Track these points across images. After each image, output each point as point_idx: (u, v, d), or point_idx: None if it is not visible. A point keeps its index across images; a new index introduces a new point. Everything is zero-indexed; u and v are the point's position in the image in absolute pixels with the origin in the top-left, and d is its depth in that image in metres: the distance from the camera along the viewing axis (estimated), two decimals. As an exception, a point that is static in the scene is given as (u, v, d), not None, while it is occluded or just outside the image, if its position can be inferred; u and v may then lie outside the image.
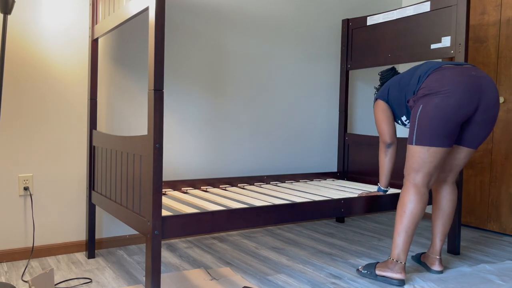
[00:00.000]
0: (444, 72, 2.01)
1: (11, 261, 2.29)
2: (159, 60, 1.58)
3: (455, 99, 1.94)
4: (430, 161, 2.01)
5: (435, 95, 1.97)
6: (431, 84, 2.00)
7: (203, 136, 2.85)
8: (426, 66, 2.13)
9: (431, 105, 1.97)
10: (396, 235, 2.04)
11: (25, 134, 2.31)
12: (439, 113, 1.95)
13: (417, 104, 2.04)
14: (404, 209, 2.03)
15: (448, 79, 1.97)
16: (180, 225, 1.68)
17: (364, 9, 3.55)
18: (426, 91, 2.00)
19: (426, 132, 1.99)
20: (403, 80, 2.21)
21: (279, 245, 2.70)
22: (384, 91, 2.31)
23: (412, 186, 2.05)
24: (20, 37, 2.28)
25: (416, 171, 2.04)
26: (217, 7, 2.87)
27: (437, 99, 1.96)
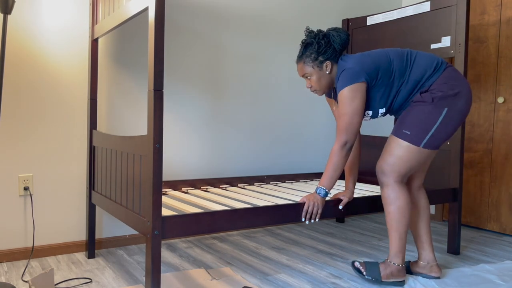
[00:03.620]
0: (457, 70, 1.95)
1: (11, 261, 2.29)
2: (159, 60, 1.58)
3: (470, 101, 1.91)
4: (426, 163, 1.97)
5: (458, 97, 1.88)
6: (452, 82, 1.89)
7: (203, 136, 2.85)
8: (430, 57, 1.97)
9: (456, 110, 1.88)
10: (399, 240, 1.96)
11: (25, 134, 2.31)
12: (460, 120, 1.90)
13: (439, 105, 1.87)
14: (405, 214, 1.95)
15: (463, 79, 1.92)
16: (180, 225, 1.68)
17: (364, 9, 3.55)
18: (448, 89, 1.88)
19: (442, 138, 1.90)
20: (397, 66, 1.93)
21: (279, 245, 2.70)
22: (372, 72, 1.91)
23: (403, 187, 1.96)
24: (20, 37, 2.28)
25: (406, 174, 1.95)
26: (217, 7, 2.87)
27: (461, 103, 1.88)
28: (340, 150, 1.90)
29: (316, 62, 1.97)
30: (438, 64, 1.94)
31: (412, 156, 1.91)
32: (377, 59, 1.92)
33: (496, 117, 3.10)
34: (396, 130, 1.94)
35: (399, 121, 1.95)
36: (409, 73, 1.94)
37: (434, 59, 1.96)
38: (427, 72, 1.92)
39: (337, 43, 1.96)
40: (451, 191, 2.54)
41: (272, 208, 1.90)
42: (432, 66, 1.93)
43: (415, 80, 1.93)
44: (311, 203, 1.93)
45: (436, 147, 1.91)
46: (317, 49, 1.96)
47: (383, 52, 1.96)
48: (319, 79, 1.99)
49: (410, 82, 1.93)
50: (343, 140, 1.90)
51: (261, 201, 2.19)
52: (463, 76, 1.95)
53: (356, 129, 1.90)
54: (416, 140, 1.89)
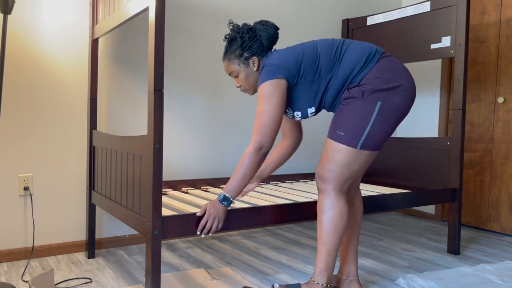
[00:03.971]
0: (394, 61, 1.71)
1: (11, 261, 2.29)
2: (159, 60, 1.58)
3: (410, 96, 1.69)
4: (365, 167, 1.73)
5: (394, 91, 1.66)
6: (387, 75, 1.66)
7: (203, 136, 2.85)
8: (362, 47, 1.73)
9: (392, 105, 1.66)
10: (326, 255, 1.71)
11: (25, 134, 2.31)
12: (399, 115, 1.68)
13: (371, 99, 1.65)
14: (338, 226, 1.70)
15: (402, 71, 1.69)
16: (180, 225, 1.68)
17: (364, 9, 3.55)
18: (382, 83, 1.65)
19: (379, 136, 1.67)
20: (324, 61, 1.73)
21: (279, 245, 2.70)
22: (293, 68, 1.71)
23: (341, 196, 1.72)
24: (20, 37, 2.28)
25: (348, 179, 1.71)
26: (217, 7, 2.87)
27: (397, 98, 1.66)
28: (253, 155, 1.67)
29: (241, 58, 1.78)
30: (370, 55, 1.71)
31: (351, 159, 1.68)
32: (301, 54, 1.73)
33: (496, 117, 3.10)
34: (330, 131, 1.72)
35: (333, 122, 1.73)
36: (338, 68, 1.72)
37: (366, 49, 1.72)
38: (357, 65, 1.70)
39: (264, 37, 1.77)
40: (451, 191, 2.54)
41: (272, 208, 1.90)
42: (363, 58, 1.70)
43: (344, 75, 1.71)
44: (211, 217, 1.67)
45: (375, 147, 1.69)
46: (241, 44, 1.77)
47: (311, 46, 1.75)
48: (247, 77, 1.80)
49: (339, 77, 1.72)
50: (258, 143, 1.67)
51: (260, 201, 2.19)
52: (403, 67, 1.71)
53: (273, 130, 1.68)
54: (352, 142, 1.66)
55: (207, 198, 2.39)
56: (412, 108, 3.64)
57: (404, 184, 2.84)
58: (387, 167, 2.98)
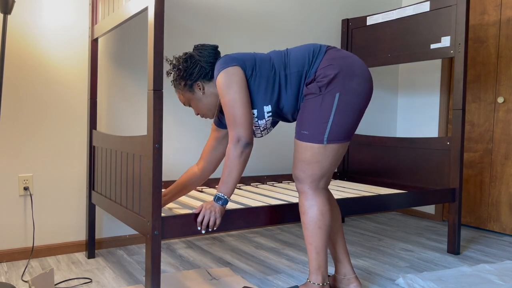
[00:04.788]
0: (342, 50, 1.72)
1: (11, 261, 2.29)
2: (159, 60, 1.58)
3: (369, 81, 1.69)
4: (338, 162, 1.72)
5: (350, 78, 1.64)
6: (339, 62, 1.65)
7: (201, 136, 2.85)
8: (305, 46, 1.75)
9: (351, 93, 1.63)
10: (316, 254, 1.71)
11: (25, 134, 2.31)
12: (361, 100, 1.66)
13: (329, 92, 1.64)
14: (320, 224, 1.69)
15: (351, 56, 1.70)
16: (180, 225, 1.68)
17: (363, 9, 3.55)
18: (335, 69, 1.64)
19: (343, 127, 1.65)
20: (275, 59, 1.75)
21: (279, 245, 2.70)
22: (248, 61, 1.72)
23: (320, 194, 1.71)
24: (20, 37, 2.28)
25: (322, 176, 1.70)
26: (216, 7, 2.87)
27: (355, 84, 1.64)
28: (232, 149, 1.65)
29: (186, 87, 1.78)
30: (316, 49, 1.72)
31: (320, 156, 1.67)
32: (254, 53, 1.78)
33: (496, 117, 3.10)
34: (296, 132, 1.72)
35: (297, 121, 1.73)
36: (289, 66, 1.72)
37: (311, 46, 1.74)
38: (306, 59, 1.70)
39: (202, 60, 1.76)
40: (451, 191, 2.54)
41: (272, 208, 1.90)
42: (310, 52, 1.72)
43: (298, 71, 1.71)
44: (207, 212, 1.68)
45: (343, 138, 1.67)
46: (181, 74, 1.76)
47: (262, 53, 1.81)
48: (197, 103, 1.80)
49: (293, 75, 1.71)
50: (234, 137, 1.65)
51: (254, 202, 2.19)
52: (350, 54, 1.72)
53: (246, 119, 1.65)
54: (317, 138, 1.66)
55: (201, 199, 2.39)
56: (412, 107, 3.64)
57: (404, 184, 2.84)
58: (387, 167, 2.98)
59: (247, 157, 1.68)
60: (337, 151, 1.69)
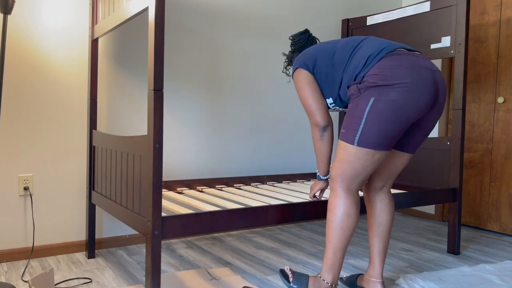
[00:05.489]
0: (402, 58, 1.64)
1: (11, 261, 2.29)
2: (159, 60, 1.58)
3: (415, 95, 1.60)
4: (372, 168, 1.69)
5: (391, 87, 1.60)
6: (386, 73, 1.61)
7: (201, 136, 2.85)
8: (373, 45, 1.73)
9: (386, 101, 1.60)
10: (332, 254, 1.73)
11: (25, 134, 2.31)
12: (395, 112, 1.60)
13: (366, 95, 1.64)
14: (343, 225, 1.71)
15: (408, 69, 1.61)
16: (180, 225, 1.68)
17: (364, 9, 3.55)
18: (379, 80, 1.62)
19: (375, 133, 1.63)
20: (339, 54, 1.80)
21: (279, 245, 2.70)
22: (309, 60, 1.86)
23: (348, 195, 1.73)
24: (20, 37, 2.28)
25: (353, 178, 1.71)
26: (217, 7, 2.87)
27: (394, 94, 1.59)
28: (314, 135, 1.87)
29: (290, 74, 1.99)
30: (374, 53, 1.69)
31: (352, 157, 1.68)
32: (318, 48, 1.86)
33: (496, 117, 3.10)
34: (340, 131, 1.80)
35: None
36: (349, 63, 1.76)
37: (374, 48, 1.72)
38: (360, 63, 1.71)
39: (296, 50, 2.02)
40: (451, 191, 2.54)
41: (272, 208, 1.90)
42: (366, 55, 1.70)
43: (352, 71, 1.73)
44: (311, 187, 2.04)
45: (375, 145, 1.64)
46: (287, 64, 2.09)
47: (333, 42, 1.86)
48: None
49: (348, 73, 1.74)
50: (312, 124, 1.86)
51: (254, 202, 2.19)
52: (407, 65, 1.63)
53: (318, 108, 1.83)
54: (350, 138, 1.67)
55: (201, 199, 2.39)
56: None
57: (404, 184, 2.84)
58: (387, 167, 2.98)
59: (329, 137, 1.85)
60: (372, 156, 1.67)
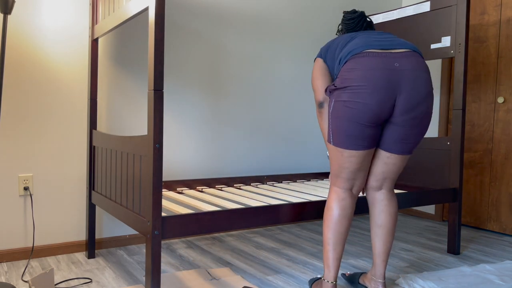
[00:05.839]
0: (360, 61, 1.68)
1: (11, 261, 2.29)
2: (159, 60, 1.58)
3: (363, 97, 1.65)
4: (347, 166, 1.76)
5: (344, 90, 1.70)
6: (344, 75, 1.71)
7: (201, 136, 2.85)
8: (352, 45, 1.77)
9: (340, 103, 1.70)
10: (324, 252, 1.81)
11: (25, 134, 2.31)
12: (348, 113, 1.68)
13: (330, 97, 1.78)
14: (325, 218, 1.80)
15: (361, 71, 1.66)
16: (180, 225, 1.68)
17: (364, 9, 3.55)
18: (339, 83, 1.72)
19: (339, 133, 1.73)
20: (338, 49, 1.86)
21: (279, 245, 2.70)
22: (323, 50, 1.96)
23: (334, 192, 1.82)
24: (20, 37, 2.28)
25: (335, 175, 1.81)
26: (217, 7, 2.87)
27: (346, 96, 1.68)
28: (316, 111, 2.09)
29: None
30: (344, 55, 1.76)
31: (333, 155, 1.80)
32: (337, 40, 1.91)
33: (496, 117, 3.10)
34: None
35: None
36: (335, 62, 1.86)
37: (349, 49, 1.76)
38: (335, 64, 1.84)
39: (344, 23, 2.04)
40: (451, 191, 2.54)
41: (272, 208, 1.90)
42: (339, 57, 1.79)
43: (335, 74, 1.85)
44: None
45: (341, 144, 1.74)
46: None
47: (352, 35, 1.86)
48: None
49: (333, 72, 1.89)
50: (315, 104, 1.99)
51: (254, 202, 2.19)
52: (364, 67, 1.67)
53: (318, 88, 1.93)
54: (329, 138, 1.81)
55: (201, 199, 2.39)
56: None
57: (404, 184, 2.84)
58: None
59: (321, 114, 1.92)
60: (342, 154, 1.76)
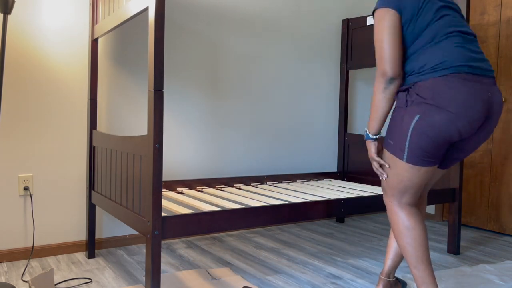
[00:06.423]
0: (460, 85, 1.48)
1: (11, 261, 2.29)
2: (159, 60, 1.58)
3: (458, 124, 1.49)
4: (419, 182, 1.60)
5: (438, 110, 1.49)
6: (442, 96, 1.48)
7: (201, 136, 2.85)
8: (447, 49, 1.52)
9: (431, 122, 1.50)
10: (414, 270, 1.61)
11: (25, 134, 2.31)
12: (438, 134, 1.51)
13: (412, 110, 1.53)
14: (406, 239, 1.61)
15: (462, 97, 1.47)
16: (180, 225, 1.68)
17: (364, 9, 3.55)
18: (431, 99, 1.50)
19: (420, 151, 1.54)
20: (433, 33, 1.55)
21: (279, 246, 2.70)
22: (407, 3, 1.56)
23: (401, 210, 1.64)
24: (20, 37, 2.28)
25: (402, 191, 1.62)
26: (217, 7, 2.87)
27: (439, 118, 1.49)
28: (377, 85, 1.57)
29: None
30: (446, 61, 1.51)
31: (399, 169, 1.59)
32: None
33: (496, 117, 3.10)
34: (385, 138, 1.66)
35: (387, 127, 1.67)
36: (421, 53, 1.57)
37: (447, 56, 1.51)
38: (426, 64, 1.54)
39: None
40: (451, 191, 2.54)
41: (272, 208, 1.90)
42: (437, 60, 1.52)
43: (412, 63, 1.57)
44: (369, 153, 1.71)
45: (424, 163, 1.55)
46: None
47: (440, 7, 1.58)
48: None
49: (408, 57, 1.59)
50: (379, 72, 1.56)
51: (254, 202, 2.19)
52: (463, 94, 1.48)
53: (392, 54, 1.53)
54: (399, 154, 1.58)
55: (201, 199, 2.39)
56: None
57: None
58: (387, 167, 2.98)
59: (392, 94, 1.58)
60: (418, 170, 1.57)
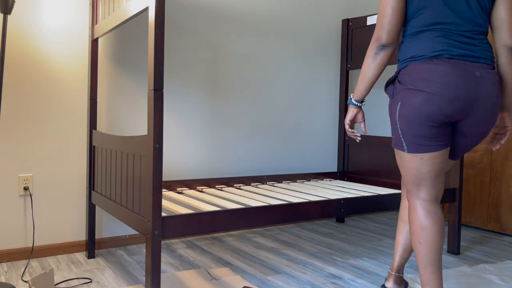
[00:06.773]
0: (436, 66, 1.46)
1: (11, 261, 2.29)
2: (159, 60, 1.58)
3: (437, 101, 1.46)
4: (430, 171, 1.56)
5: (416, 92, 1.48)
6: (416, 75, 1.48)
7: (201, 136, 2.85)
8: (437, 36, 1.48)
9: (411, 105, 1.48)
10: (421, 269, 1.58)
11: (25, 134, 2.31)
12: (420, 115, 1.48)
13: (396, 98, 1.54)
14: (419, 239, 1.56)
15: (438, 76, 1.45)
16: (180, 225, 1.68)
17: (364, 9, 3.55)
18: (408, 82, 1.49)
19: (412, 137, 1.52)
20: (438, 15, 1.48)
21: (279, 246, 2.70)
22: None
23: (419, 206, 1.59)
24: (20, 37, 2.28)
25: (417, 185, 1.59)
26: (217, 7, 2.87)
27: (417, 99, 1.47)
28: (369, 49, 1.55)
29: None
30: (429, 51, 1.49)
31: (407, 163, 1.58)
32: None
33: (496, 117, 3.10)
34: None
35: None
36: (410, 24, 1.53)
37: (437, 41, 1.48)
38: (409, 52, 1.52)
39: None
40: (451, 191, 2.54)
41: (273, 208, 1.90)
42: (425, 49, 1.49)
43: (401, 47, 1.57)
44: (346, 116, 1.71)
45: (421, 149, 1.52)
46: None
47: None
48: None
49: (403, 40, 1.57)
50: (374, 36, 1.52)
51: (254, 202, 2.19)
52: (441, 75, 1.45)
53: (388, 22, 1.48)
54: (400, 145, 1.58)
55: (201, 199, 2.39)
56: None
57: (404, 184, 2.84)
58: (387, 167, 2.98)
59: (383, 60, 1.53)
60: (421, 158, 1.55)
